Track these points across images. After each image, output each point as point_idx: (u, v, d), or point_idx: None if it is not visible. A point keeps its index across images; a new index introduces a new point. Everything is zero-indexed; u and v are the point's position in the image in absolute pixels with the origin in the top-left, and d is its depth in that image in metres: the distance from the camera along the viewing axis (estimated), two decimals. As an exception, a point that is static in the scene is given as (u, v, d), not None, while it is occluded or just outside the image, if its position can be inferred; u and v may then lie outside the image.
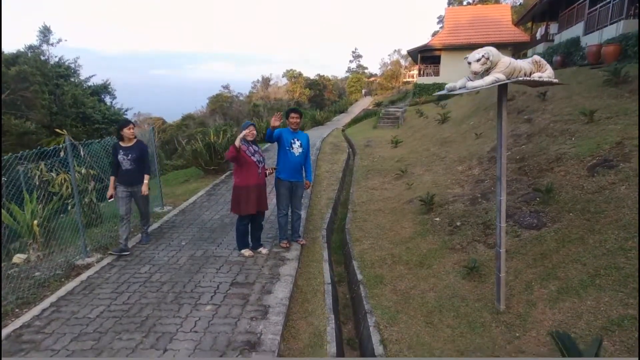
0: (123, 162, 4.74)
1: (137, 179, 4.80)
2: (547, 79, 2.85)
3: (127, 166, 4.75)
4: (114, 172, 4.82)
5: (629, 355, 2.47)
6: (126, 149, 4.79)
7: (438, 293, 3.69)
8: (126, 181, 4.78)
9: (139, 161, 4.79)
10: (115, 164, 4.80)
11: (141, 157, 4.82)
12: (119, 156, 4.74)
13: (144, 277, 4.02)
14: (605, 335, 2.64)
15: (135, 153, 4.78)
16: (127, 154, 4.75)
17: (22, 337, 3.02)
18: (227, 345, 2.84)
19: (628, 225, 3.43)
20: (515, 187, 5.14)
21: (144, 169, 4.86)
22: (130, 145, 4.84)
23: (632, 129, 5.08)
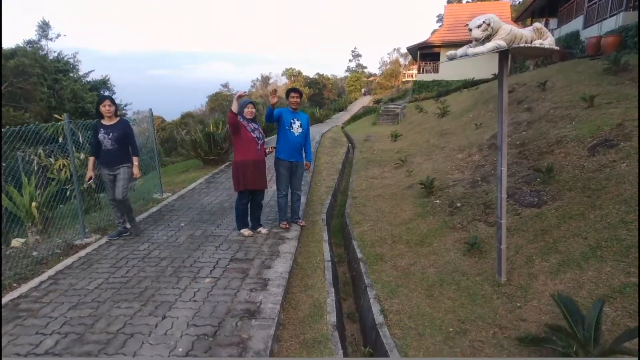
0: (104, 141, 4.30)
1: (120, 160, 4.36)
2: (548, 45, 2.84)
3: (108, 146, 4.31)
4: (94, 151, 4.41)
5: (631, 320, 2.45)
6: (107, 127, 4.34)
7: (438, 269, 3.67)
8: (108, 162, 4.35)
9: (121, 141, 4.35)
10: (95, 144, 4.39)
11: (124, 137, 4.38)
12: (100, 135, 4.32)
13: (142, 253, 3.99)
14: (607, 302, 2.62)
15: (117, 132, 4.33)
16: (109, 133, 4.30)
17: (20, 306, 2.99)
18: (227, 313, 2.82)
19: (629, 200, 3.42)
20: (515, 169, 5.13)
21: (130, 150, 4.47)
22: (113, 124, 4.38)
23: (633, 112, 5.08)
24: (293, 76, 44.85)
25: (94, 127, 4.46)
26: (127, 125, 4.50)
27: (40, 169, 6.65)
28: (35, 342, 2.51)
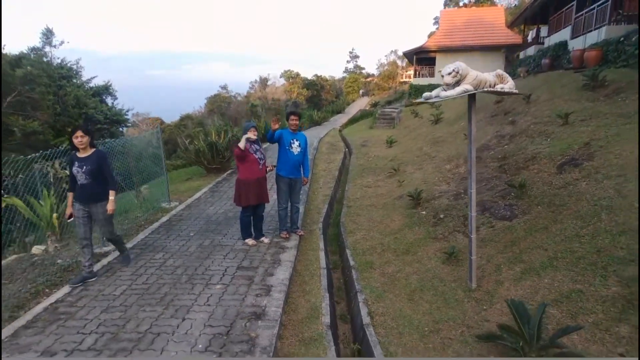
0: (77, 175, 3.98)
1: (94, 196, 4.02)
2: (508, 89, 3.37)
3: (82, 180, 3.99)
4: (72, 186, 4.09)
5: (572, 320, 2.98)
6: (81, 159, 4.00)
7: (420, 275, 4.19)
8: (81, 198, 4.02)
9: (96, 174, 3.99)
10: (72, 178, 4.06)
11: (99, 170, 4.01)
12: (74, 168, 4.00)
13: (158, 262, 4.50)
14: (555, 306, 3.15)
15: (91, 165, 3.98)
16: (82, 166, 3.97)
17: (58, 309, 3.50)
18: (237, 315, 3.33)
19: (584, 216, 3.95)
20: (494, 183, 5.67)
21: (106, 183, 4.09)
22: (87, 156, 4.02)
23: (601, 130, 5.62)
24: (291, 78, 45.33)
25: (69, 160, 4.12)
26: (102, 157, 4.10)
27: (56, 180, 7.16)
28: (77, 340, 3.02)
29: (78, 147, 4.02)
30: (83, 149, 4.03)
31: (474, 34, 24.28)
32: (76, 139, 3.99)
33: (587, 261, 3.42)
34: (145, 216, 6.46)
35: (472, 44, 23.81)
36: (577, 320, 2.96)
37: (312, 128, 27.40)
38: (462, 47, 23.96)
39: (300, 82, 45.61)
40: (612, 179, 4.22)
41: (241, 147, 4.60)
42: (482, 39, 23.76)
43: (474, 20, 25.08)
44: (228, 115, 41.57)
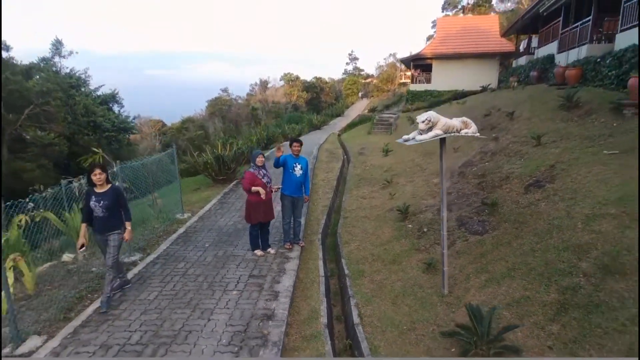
0: (95, 209, 4.37)
1: (110, 227, 4.43)
2: (471, 134, 4.15)
3: (99, 213, 4.37)
4: (85, 218, 4.45)
5: (519, 320, 3.77)
6: (99, 195, 4.39)
7: (403, 283, 4.99)
8: (99, 229, 4.45)
9: (112, 208, 4.41)
10: (86, 211, 4.43)
11: (115, 204, 4.44)
12: (91, 202, 4.38)
13: (181, 271, 5.30)
14: (507, 309, 3.94)
15: (108, 200, 4.37)
16: (99, 201, 4.36)
17: (106, 313, 4.29)
18: (251, 317, 4.13)
19: (540, 233, 4.75)
20: (472, 200, 6.46)
21: (122, 216, 4.52)
22: (104, 191, 4.41)
23: (566, 153, 6.41)
24: (291, 81, 46.11)
25: (86, 194, 4.49)
26: (118, 193, 4.51)
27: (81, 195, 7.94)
28: (126, 337, 3.82)
29: (95, 183, 4.37)
30: (100, 185, 4.39)
31: (469, 41, 25.04)
32: (94, 176, 4.35)
33: (537, 272, 4.22)
34: (163, 227, 7.25)
35: (467, 51, 24.59)
36: (522, 320, 3.75)
37: (312, 132, 28.14)
38: (457, 54, 24.75)
39: (300, 84, 46.38)
40: (565, 201, 5.01)
41: (253, 190, 5.38)
42: (476, 46, 24.53)
43: (469, 28, 25.84)
44: (229, 118, 42.42)
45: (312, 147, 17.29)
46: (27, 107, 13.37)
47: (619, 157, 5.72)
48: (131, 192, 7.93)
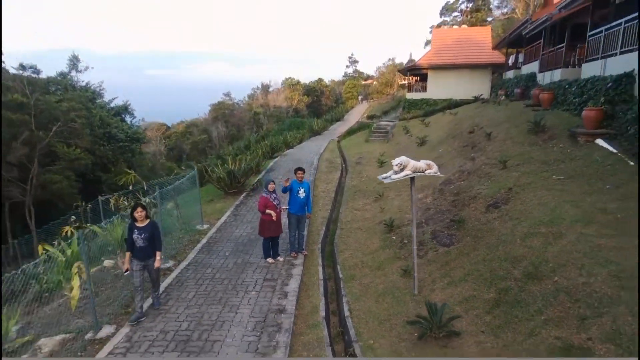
0: (137, 240, 5.37)
1: (149, 254, 5.45)
2: (432, 174, 5.56)
3: (140, 244, 5.37)
4: (129, 248, 5.44)
5: (464, 312, 5.17)
6: (140, 228, 5.43)
7: (385, 285, 6.40)
8: (140, 257, 5.41)
9: (151, 239, 5.43)
10: (130, 241, 5.44)
11: (153, 236, 5.46)
12: (134, 235, 5.38)
13: (210, 275, 6.72)
14: (458, 305, 5.34)
15: (147, 232, 5.42)
16: (141, 234, 5.39)
17: (157, 308, 5.70)
18: (268, 310, 5.54)
19: (490, 247, 6.15)
20: (445, 216, 7.87)
21: (156, 246, 5.53)
22: (144, 226, 5.47)
23: (524, 177, 7.80)
24: (292, 85, 47.50)
25: (129, 227, 5.50)
26: (155, 227, 5.60)
27: (116, 209, 9.37)
28: (178, 325, 5.23)
29: (137, 219, 5.44)
30: (141, 220, 5.45)
31: (463, 52, 26.41)
32: (137, 213, 5.43)
33: (484, 277, 5.62)
34: (187, 237, 8.67)
35: (460, 62, 25.98)
36: (467, 313, 5.16)
37: (312, 138, 29.46)
38: (451, 64, 26.15)
39: (300, 89, 47.76)
40: (512, 221, 6.42)
41: (274, 219, 6.78)
42: (470, 57, 25.92)
43: (463, 40, 27.22)
44: (232, 122, 43.86)
45: (313, 157, 18.68)
46: (55, 124, 14.84)
47: (562, 183, 7.13)
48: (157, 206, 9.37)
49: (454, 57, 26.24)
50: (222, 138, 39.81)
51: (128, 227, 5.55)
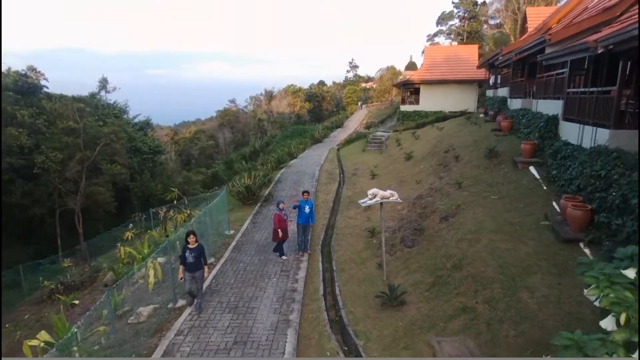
0: (188, 257, 7.60)
1: (196, 268, 7.65)
2: (394, 200, 8.50)
3: (190, 260, 7.60)
4: (182, 262, 7.69)
5: (413, 289, 8.12)
6: (191, 249, 7.66)
7: (365, 275, 9.35)
8: (190, 269, 7.65)
9: (198, 257, 7.67)
10: (183, 258, 7.67)
11: (200, 255, 7.71)
12: (186, 253, 7.62)
13: (242, 268, 9.69)
14: (409, 286, 8.29)
15: (196, 252, 7.68)
16: (191, 253, 7.63)
17: (211, 287, 8.68)
18: (285, 290, 8.52)
19: (437, 249, 9.08)
20: (413, 225, 10.80)
21: (203, 262, 7.79)
22: (194, 247, 7.71)
23: (471, 196, 10.72)
24: (294, 92, 50.48)
25: (183, 248, 7.79)
26: (202, 249, 7.86)
27: (164, 218, 12.35)
28: (227, 299, 8.21)
29: (189, 242, 7.78)
30: (192, 243, 7.77)
31: (452, 69, 29.34)
32: (191, 239, 7.76)
33: (429, 269, 8.56)
34: (220, 240, 11.64)
35: (449, 78, 28.92)
36: (415, 291, 8.09)
37: (314, 146, 32.36)
38: (441, 80, 29.07)
39: (302, 95, 50.69)
40: (454, 230, 9.35)
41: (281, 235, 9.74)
42: (457, 73, 28.84)
43: (452, 57, 30.12)
44: (237, 128, 46.88)
45: (314, 169, 21.61)
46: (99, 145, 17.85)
47: (495, 202, 10.07)
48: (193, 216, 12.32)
49: (444, 74, 29.16)
50: (228, 144, 42.72)
51: (182, 248, 7.83)
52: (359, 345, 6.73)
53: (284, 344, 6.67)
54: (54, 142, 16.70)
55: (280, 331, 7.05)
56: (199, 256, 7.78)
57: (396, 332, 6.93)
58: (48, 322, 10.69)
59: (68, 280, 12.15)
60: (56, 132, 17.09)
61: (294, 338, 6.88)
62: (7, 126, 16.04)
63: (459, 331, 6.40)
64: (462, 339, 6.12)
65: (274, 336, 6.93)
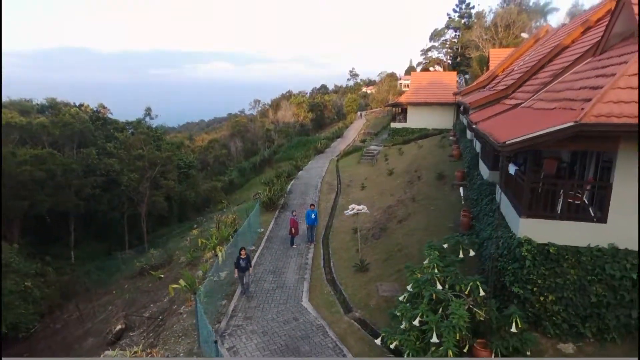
0: (241, 263, 12.41)
1: (246, 269, 12.49)
2: (364, 211, 15.07)
3: (242, 264, 12.43)
4: (237, 266, 12.45)
5: (375, 262, 14.67)
6: (243, 258, 12.49)
7: (348, 256, 15.92)
8: (242, 271, 12.51)
9: (247, 262, 12.53)
10: (237, 263, 12.45)
11: (248, 261, 12.56)
12: (240, 261, 12.45)
13: (274, 252, 16.34)
14: (373, 261, 14.86)
15: (245, 260, 12.49)
16: (243, 260, 12.46)
17: (257, 262, 15.29)
18: (301, 264, 15.13)
19: (393, 240, 15.65)
20: (380, 225, 17.35)
21: (249, 265, 12.69)
22: (244, 257, 12.51)
23: (419, 206, 17.26)
24: (298, 104, 57.10)
25: (237, 257, 12.78)
26: (249, 257, 12.85)
27: (218, 221, 19.00)
28: (266, 268, 14.83)
29: (241, 254, 12.98)
30: (243, 254, 13.00)
31: (434, 93, 35.85)
32: (242, 252, 12.81)
33: (384, 252, 15.13)
34: (255, 236, 18.25)
35: (432, 100, 35.43)
36: (375, 263, 14.64)
37: (316, 158, 38.96)
38: (425, 102, 35.58)
39: (306, 106, 57.25)
40: (404, 229, 15.90)
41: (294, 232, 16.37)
42: (439, 97, 35.36)
43: (435, 82, 36.63)
44: (247, 137, 53.44)
45: (317, 181, 28.17)
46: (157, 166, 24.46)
47: (433, 211, 16.63)
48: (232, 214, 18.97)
49: (427, 97, 35.69)
50: (239, 152, 49.34)
51: (237, 257, 13.69)
52: (341, 288, 13.30)
53: (302, 288, 13.26)
54: (131, 165, 23.30)
55: (300, 282, 13.66)
56: (247, 262, 12.95)
57: (361, 283, 13.51)
58: (144, 288, 17.41)
59: (153, 262, 18.76)
60: (131, 158, 23.76)
61: (307, 286, 13.47)
62: (100, 154, 22.85)
63: (392, 281, 12.95)
64: (392, 283, 12.69)
65: (296, 285, 13.53)
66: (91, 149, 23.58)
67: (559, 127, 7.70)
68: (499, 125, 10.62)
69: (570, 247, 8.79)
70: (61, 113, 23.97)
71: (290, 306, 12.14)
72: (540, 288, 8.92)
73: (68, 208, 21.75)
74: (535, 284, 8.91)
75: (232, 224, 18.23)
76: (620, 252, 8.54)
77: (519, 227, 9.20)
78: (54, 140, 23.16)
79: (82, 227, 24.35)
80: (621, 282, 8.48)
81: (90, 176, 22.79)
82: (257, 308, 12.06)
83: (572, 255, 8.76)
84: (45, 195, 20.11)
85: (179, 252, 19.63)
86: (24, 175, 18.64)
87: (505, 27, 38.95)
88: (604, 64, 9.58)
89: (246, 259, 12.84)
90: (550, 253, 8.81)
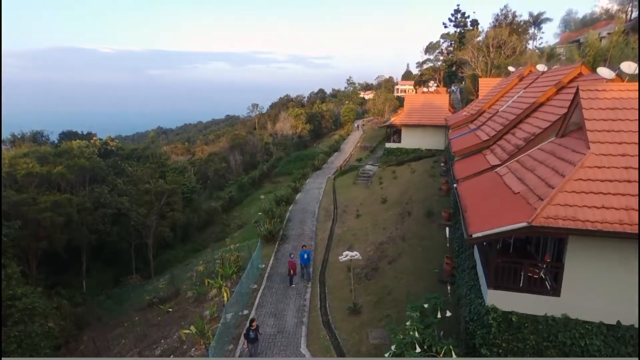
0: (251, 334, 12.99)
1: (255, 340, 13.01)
2: (356, 257, 16.65)
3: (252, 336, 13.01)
4: (246, 337, 13.23)
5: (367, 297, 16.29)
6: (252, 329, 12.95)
7: (342, 296, 17.49)
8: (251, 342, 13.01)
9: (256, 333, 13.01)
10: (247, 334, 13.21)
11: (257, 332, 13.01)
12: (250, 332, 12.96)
13: (274, 291, 17.89)
14: (365, 303, 16.47)
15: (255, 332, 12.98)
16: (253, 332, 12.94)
17: (260, 304, 16.87)
18: (300, 305, 16.71)
19: (384, 280, 17.23)
20: (372, 264, 18.94)
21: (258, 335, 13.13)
22: (254, 328, 12.97)
23: (409, 247, 18.84)
24: (296, 115, 58.58)
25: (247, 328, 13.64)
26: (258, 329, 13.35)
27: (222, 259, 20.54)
28: (270, 311, 16.41)
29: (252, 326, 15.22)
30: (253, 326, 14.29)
31: (427, 115, 37.36)
32: (253, 324, 13.40)
33: (375, 294, 16.71)
34: (257, 272, 19.83)
35: (424, 122, 36.97)
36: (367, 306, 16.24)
37: (314, 175, 40.48)
38: (418, 124, 37.12)
39: (304, 118, 58.71)
40: (393, 270, 17.49)
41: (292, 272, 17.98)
42: (431, 119, 36.88)
43: (427, 104, 38.15)
44: (246, 150, 54.85)
45: (314, 206, 29.69)
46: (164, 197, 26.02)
47: (419, 252, 18.23)
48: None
49: (420, 119, 37.20)
50: (239, 165, 50.81)
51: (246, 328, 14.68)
52: (336, 333, 14.89)
53: (300, 332, 14.85)
54: (139, 200, 24.93)
55: (299, 327, 15.24)
56: (256, 332, 13.38)
57: (354, 327, 15.10)
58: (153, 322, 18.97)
59: (160, 294, 20.31)
60: (139, 193, 25.34)
61: (305, 331, 15.06)
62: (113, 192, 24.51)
63: (381, 327, 14.54)
64: (381, 330, 14.30)
65: (295, 330, 15.11)
66: (103, 187, 25.31)
67: (515, 227, 9.29)
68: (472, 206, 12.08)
69: (529, 316, 10.37)
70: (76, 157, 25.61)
71: (291, 353, 13.71)
72: (505, 350, 10.51)
73: (81, 242, 23.41)
74: (500, 347, 10.51)
75: (236, 261, 19.75)
76: (571, 322, 10.11)
77: (487, 297, 10.77)
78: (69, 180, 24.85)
79: (92, 256, 26.04)
80: (571, 348, 10.07)
81: (100, 209, 24.45)
82: (261, 354, 13.62)
83: (531, 323, 10.35)
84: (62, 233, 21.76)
85: (185, 285, 21.16)
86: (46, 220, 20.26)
87: (497, 48, 40.43)
88: (561, 153, 11.15)
89: (255, 331, 13.11)
90: (512, 321, 10.39)
